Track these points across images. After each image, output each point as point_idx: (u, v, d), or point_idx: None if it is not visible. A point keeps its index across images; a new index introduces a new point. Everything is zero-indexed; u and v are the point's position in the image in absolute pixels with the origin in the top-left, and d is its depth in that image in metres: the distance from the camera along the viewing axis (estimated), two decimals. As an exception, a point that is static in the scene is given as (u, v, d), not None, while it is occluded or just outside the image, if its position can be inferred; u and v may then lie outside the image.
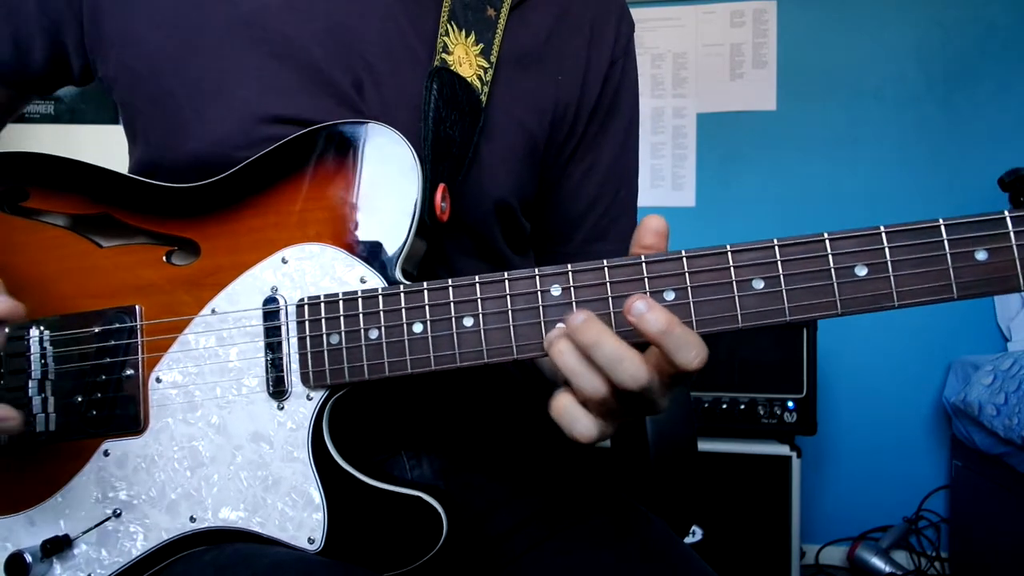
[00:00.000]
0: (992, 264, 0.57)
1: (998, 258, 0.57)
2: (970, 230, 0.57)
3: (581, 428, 0.59)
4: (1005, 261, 0.57)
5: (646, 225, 0.61)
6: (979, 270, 0.57)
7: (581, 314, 0.57)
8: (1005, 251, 0.57)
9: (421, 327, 0.64)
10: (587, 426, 0.59)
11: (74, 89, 2.93)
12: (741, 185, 2.96)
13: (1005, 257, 0.57)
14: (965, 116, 2.81)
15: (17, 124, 3.28)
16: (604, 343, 0.56)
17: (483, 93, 0.79)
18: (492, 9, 0.82)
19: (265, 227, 0.71)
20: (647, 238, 0.61)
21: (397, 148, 0.69)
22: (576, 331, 0.57)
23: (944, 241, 0.57)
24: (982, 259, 0.57)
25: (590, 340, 0.56)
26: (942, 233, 0.57)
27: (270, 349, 0.68)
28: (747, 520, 2.30)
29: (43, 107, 2.95)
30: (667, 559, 0.79)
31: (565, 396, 0.60)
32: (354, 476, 0.67)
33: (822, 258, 0.59)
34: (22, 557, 0.68)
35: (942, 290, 0.57)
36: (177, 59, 0.77)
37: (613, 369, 0.56)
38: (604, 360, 0.56)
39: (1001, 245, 0.57)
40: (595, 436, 0.59)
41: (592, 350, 0.56)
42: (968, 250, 0.57)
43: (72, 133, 2.92)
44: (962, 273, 0.57)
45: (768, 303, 0.59)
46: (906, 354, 2.81)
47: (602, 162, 0.90)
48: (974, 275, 0.57)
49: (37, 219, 0.75)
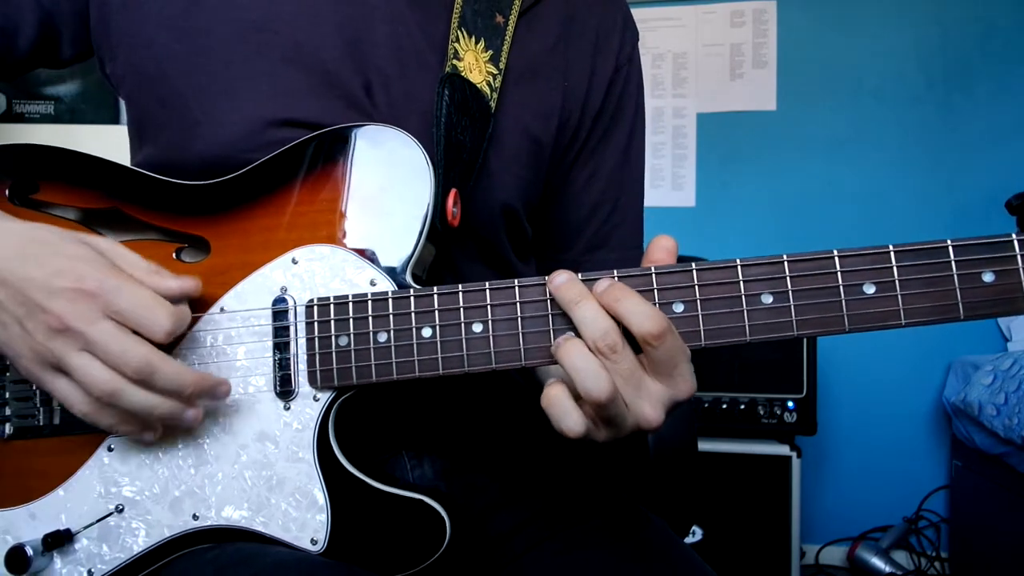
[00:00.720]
0: (999, 286, 0.57)
1: (1005, 280, 0.57)
2: (978, 252, 0.58)
3: (571, 423, 0.59)
4: (1012, 283, 0.57)
5: (657, 244, 0.63)
6: (986, 291, 0.58)
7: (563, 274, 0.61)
8: (1012, 273, 0.57)
9: (430, 331, 0.65)
10: (576, 421, 0.59)
11: (74, 89, 2.93)
12: (741, 185, 2.96)
13: (1012, 279, 0.57)
14: (965, 116, 2.82)
15: (17, 124, 3.27)
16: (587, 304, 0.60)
17: (492, 99, 0.79)
18: (501, 16, 0.83)
19: (276, 227, 0.71)
20: (656, 253, 0.63)
21: (410, 153, 0.69)
22: (558, 289, 0.61)
23: (952, 262, 0.58)
24: (989, 280, 0.58)
25: (573, 297, 0.60)
26: (950, 254, 0.58)
27: (278, 349, 0.68)
28: (747, 520, 2.30)
29: (43, 107, 2.95)
30: (667, 559, 0.79)
31: (558, 386, 0.60)
32: (358, 478, 0.67)
33: (831, 275, 0.59)
34: (23, 550, 0.67)
35: (948, 310, 0.58)
36: (187, 62, 0.77)
37: (626, 314, 0.59)
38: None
39: (1008, 268, 0.57)
40: (581, 433, 0.59)
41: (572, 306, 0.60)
42: (975, 271, 0.58)
43: (72, 133, 2.92)
44: (969, 294, 0.58)
45: (776, 318, 0.60)
46: (906, 354, 2.81)
47: (604, 169, 0.90)
48: (981, 296, 0.58)
49: (46, 212, 0.74)
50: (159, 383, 0.62)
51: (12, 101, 2.95)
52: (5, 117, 2.95)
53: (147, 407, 0.63)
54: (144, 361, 0.61)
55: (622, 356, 0.58)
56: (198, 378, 0.64)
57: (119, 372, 0.61)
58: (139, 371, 0.61)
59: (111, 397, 0.61)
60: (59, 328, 0.60)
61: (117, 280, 0.62)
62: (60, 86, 2.94)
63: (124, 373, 0.61)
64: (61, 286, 0.61)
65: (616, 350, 0.58)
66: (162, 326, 0.62)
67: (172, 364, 0.63)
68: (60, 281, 0.61)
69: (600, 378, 0.57)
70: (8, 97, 2.95)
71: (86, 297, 0.61)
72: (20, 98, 2.94)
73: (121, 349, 0.60)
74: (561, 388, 0.60)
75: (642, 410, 0.60)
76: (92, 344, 0.61)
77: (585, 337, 0.59)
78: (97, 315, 0.61)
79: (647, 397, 0.60)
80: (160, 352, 0.62)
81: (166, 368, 0.62)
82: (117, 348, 0.60)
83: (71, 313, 0.60)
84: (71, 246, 0.63)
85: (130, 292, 0.61)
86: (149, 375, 0.61)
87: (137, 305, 0.61)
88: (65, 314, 0.60)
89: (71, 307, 0.60)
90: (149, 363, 0.61)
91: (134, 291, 0.62)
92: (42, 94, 2.94)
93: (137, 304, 0.61)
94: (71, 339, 0.61)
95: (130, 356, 0.60)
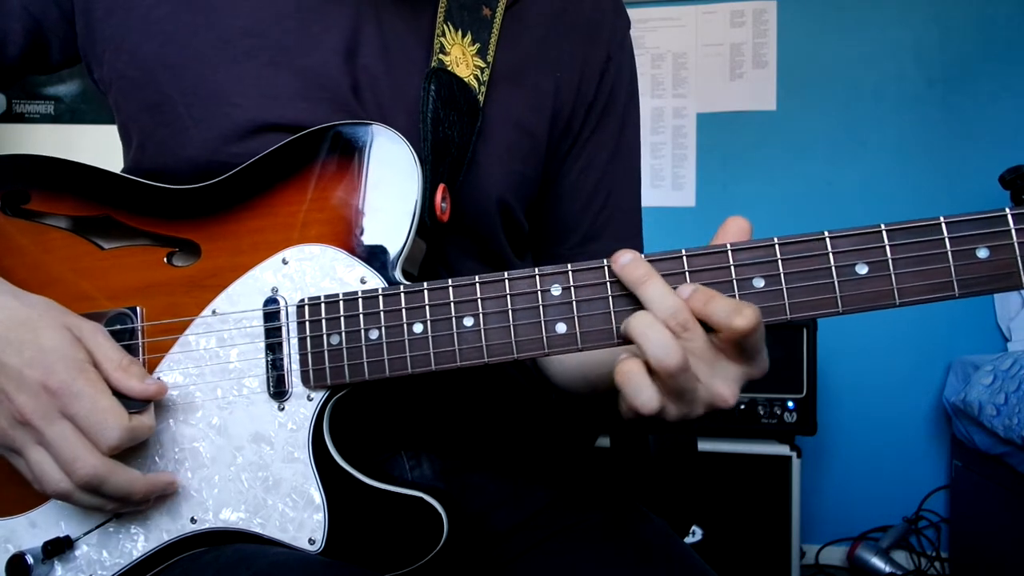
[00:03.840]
0: (994, 261, 0.57)
1: (999, 255, 0.57)
2: (971, 228, 0.57)
3: (645, 398, 0.57)
4: (1007, 259, 0.57)
5: (729, 228, 0.62)
6: (980, 267, 0.57)
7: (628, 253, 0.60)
8: (1006, 248, 0.57)
9: (421, 327, 0.65)
10: (651, 396, 0.57)
11: (74, 89, 2.93)
12: (741, 185, 2.96)
13: (1007, 255, 0.57)
14: (965, 116, 2.81)
15: (17, 124, 3.29)
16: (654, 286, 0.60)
17: (480, 93, 0.79)
18: (488, 9, 0.83)
19: (265, 228, 0.71)
20: (731, 238, 0.61)
21: (397, 149, 0.69)
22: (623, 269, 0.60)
23: (945, 239, 0.57)
24: (983, 256, 0.57)
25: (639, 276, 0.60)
26: (943, 231, 0.57)
27: (270, 350, 0.68)
28: (747, 520, 2.30)
29: (43, 107, 2.95)
30: (667, 559, 0.79)
31: (632, 360, 0.58)
32: (354, 476, 0.67)
33: (823, 256, 0.59)
34: (23, 558, 0.68)
35: (943, 287, 0.57)
36: (174, 67, 0.77)
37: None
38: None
39: (1003, 243, 0.57)
40: (656, 408, 0.57)
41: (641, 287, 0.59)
42: (969, 248, 0.57)
43: (72, 133, 2.92)
44: (963, 271, 0.57)
45: (769, 301, 0.59)
46: (906, 354, 2.81)
47: (598, 160, 0.90)
48: (975, 273, 0.57)
49: (39, 221, 0.75)
50: (107, 492, 0.63)
51: (12, 101, 2.96)
52: (5, 117, 2.96)
53: (96, 506, 0.65)
54: (91, 474, 0.62)
55: (693, 334, 0.57)
56: (146, 485, 0.66)
57: (69, 477, 0.62)
58: (86, 483, 0.62)
59: (58, 494, 0.63)
60: (20, 421, 0.62)
61: (81, 384, 0.62)
62: (60, 86, 2.94)
63: (72, 480, 0.62)
64: (30, 378, 0.62)
65: (688, 327, 0.57)
66: (108, 440, 0.62)
67: (121, 475, 0.64)
68: (30, 372, 0.62)
69: (670, 347, 0.56)
70: (8, 97, 2.95)
71: (48, 394, 0.62)
72: (20, 98, 2.95)
73: (72, 457, 0.62)
74: (636, 363, 0.58)
75: (716, 387, 0.58)
76: (47, 444, 0.62)
77: (656, 316, 0.58)
78: (56, 414, 0.62)
79: (721, 374, 0.59)
80: (111, 463, 0.63)
81: (114, 480, 0.63)
82: (68, 455, 0.62)
83: (32, 409, 0.62)
84: (51, 333, 0.64)
85: (89, 399, 0.62)
86: (97, 487, 0.63)
87: (92, 413, 0.62)
88: (26, 409, 0.62)
89: (33, 402, 0.62)
90: (96, 476, 0.62)
91: (93, 398, 0.62)
92: (42, 94, 2.95)
93: (92, 412, 0.62)
94: (30, 433, 0.62)
95: (78, 466, 0.62)
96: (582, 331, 0.62)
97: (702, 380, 0.58)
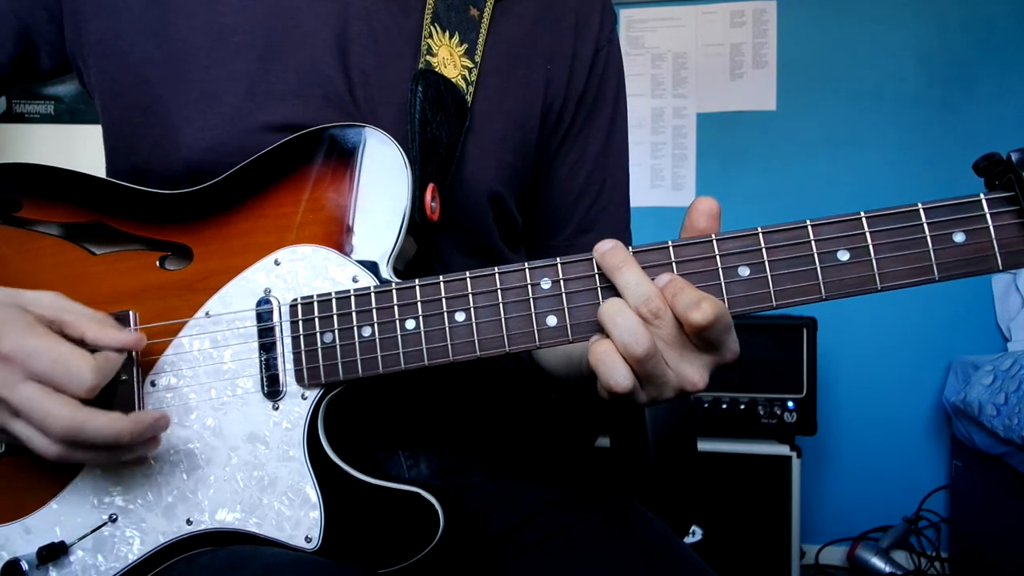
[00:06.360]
0: (970, 245, 0.58)
1: (975, 239, 0.58)
2: (948, 213, 0.59)
3: (619, 376, 0.58)
4: (983, 242, 0.58)
5: (698, 208, 0.62)
6: (958, 251, 0.59)
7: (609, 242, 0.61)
8: (982, 232, 0.58)
9: (413, 323, 0.65)
10: (624, 375, 0.58)
11: (74, 89, 2.93)
12: (741, 185, 2.96)
13: (983, 239, 0.58)
14: (965, 116, 2.81)
15: (17, 124, 3.29)
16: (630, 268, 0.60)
17: (468, 93, 0.80)
18: (475, 9, 0.83)
19: (257, 230, 0.71)
20: (701, 222, 0.62)
21: (388, 151, 0.70)
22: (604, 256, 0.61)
23: (923, 224, 0.59)
24: (960, 241, 0.58)
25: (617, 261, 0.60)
26: (921, 217, 0.59)
27: (264, 350, 0.69)
28: (747, 520, 2.30)
29: (43, 107, 2.96)
30: (667, 559, 0.79)
31: (604, 342, 0.59)
32: (350, 473, 0.67)
33: (805, 244, 0.60)
34: (19, 564, 0.68)
35: (923, 272, 0.59)
36: (166, 67, 0.77)
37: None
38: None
39: (978, 227, 0.58)
40: (629, 388, 0.59)
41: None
42: (946, 232, 0.59)
43: (72, 133, 2.93)
44: (941, 255, 0.59)
45: (754, 289, 0.61)
46: (906, 354, 2.81)
47: (589, 153, 0.91)
48: (953, 256, 0.59)
49: (30, 229, 0.75)
50: (90, 440, 0.61)
51: (12, 101, 2.96)
52: (5, 117, 2.96)
53: (91, 460, 0.63)
54: (67, 426, 0.60)
55: (663, 322, 0.58)
56: (132, 424, 0.62)
57: (48, 437, 0.61)
58: (65, 435, 0.60)
59: (57, 457, 0.61)
60: None
61: (32, 341, 0.61)
62: (60, 86, 2.94)
63: (52, 439, 0.61)
64: None
65: (659, 315, 0.58)
66: (83, 382, 0.60)
67: (99, 419, 0.61)
68: None
69: (638, 334, 0.57)
70: (8, 97, 2.95)
71: (5, 361, 0.60)
72: (20, 98, 2.95)
73: (43, 415, 0.60)
74: (608, 343, 0.59)
75: (685, 372, 0.59)
76: (18, 411, 0.60)
77: (628, 302, 0.59)
78: (17, 379, 0.60)
79: (691, 360, 0.60)
80: (84, 410, 0.61)
81: (94, 425, 0.60)
82: (39, 415, 0.60)
83: None
84: (2, 310, 0.62)
85: (45, 351, 0.60)
86: (76, 436, 0.60)
87: (54, 364, 0.60)
88: None
89: None
90: (72, 426, 0.60)
91: (52, 349, 0.61)
92: (42, 94, 2.95)
93: (54, 363, 0.60)
94: (3, 407, 0.61)
95: (51, 422, 0.60)
96: (572, 323, 0.63)
97: (671, 366, 0.59)
